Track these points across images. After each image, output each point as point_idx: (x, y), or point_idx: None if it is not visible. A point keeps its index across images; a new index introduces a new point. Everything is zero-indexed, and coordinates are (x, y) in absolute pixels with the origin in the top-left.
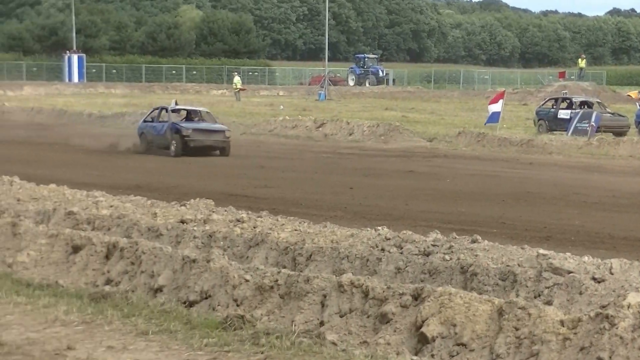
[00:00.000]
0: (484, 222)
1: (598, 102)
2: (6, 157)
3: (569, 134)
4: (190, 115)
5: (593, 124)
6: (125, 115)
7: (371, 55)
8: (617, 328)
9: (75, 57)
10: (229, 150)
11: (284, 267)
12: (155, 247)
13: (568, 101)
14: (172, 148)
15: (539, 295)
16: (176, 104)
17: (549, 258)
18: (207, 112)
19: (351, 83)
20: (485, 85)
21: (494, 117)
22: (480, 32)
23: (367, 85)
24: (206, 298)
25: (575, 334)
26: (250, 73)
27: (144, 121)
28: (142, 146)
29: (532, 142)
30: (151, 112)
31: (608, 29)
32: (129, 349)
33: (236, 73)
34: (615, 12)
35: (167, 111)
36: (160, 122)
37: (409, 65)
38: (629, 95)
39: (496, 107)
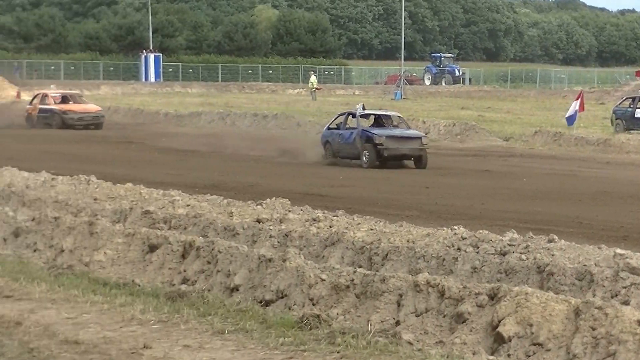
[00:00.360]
0: (560, 221)
1: None
2: (83, 157)
3: None
4: (379, 121)
5: None
6: (201, 115)
7: (447, 55)
8: None
9: (151, 57)
10: (426, 160)
11: (360, 267)
12: (231, 246)
13: None
14: (364, 158)
15: (616, 295)
16: (363, 108)
17: (626, 258)
18: (398, 116)
19: (427, 82)
20: (562, 84)
21: (573, 119)
22: (557, 31)
23: (443, 84)
24: (282, 297)
25: None
26: (327, 72)
27: (328, 128)
28: (327, 156)
29: (609, 142)
30: (335, 118)
31: None
32: (205, 348)
33: (312, 72)
34: None
35: (354, 117)
36: (347, 129)
37: (485, 64)
38: None
39: (576, 107)
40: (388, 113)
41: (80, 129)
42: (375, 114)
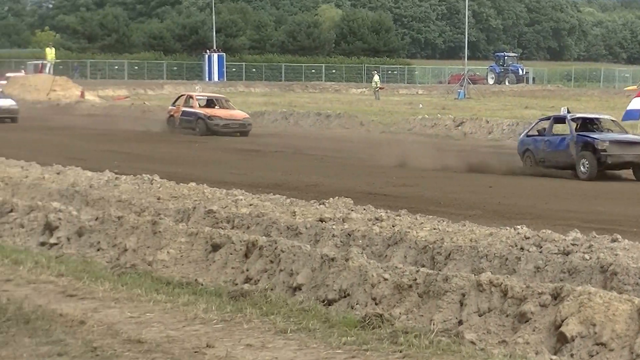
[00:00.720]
0: (623, 221)
1: None
2: (147, 156)
3: None
4: (589, 125)
5: None
6: (264, 114)
7: (511, 54)
8: None
9: (215, 56)
10: None
11: (423, 266)
12: (294, 245)
13: None
14: (582, 168)
15: None
16: (568, 111)
17: None
18: (611, 120)
19: (491, 81)
20: (626, 83)
21: (633, 114)
22: (621, 30)
23: (507, 83)
24: (345, 297)
25: None
26: (390, 72)
27: (528, 135)
28: (527, 166)
29: None
30: (535, 123)
31: None
32: (268, 347)
33: (375, 72)
34: None
35: (566, 121)
36: (555, 135)
37: (549, 63)
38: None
39: (636, 104)
40: (599, 116)
41: (223, 135)
42: (586, 117)
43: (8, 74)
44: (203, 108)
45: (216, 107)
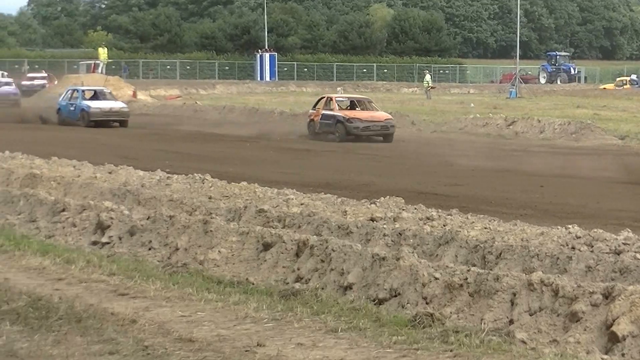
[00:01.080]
0: None
1: None
2: (199, 155)
3: None
4: None
5: None
6: None
7: (563, 53)
8: None
9: (267, 56)
10: None
11: (474, 265)
12: (345, 244)
13: None
14: None
15: None
16: None
17: None
18: None
19: (542, 81)
20: None
21: None
22: None
23: (559, 82)
24: (395, 296)
25: None
26: (441, 71)
27: None
28: None
29: None
30: None
31: None
32: (319, 346)
33: (427, 71)
34: None
35: None
36: None
37: (601, 62)
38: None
39: None
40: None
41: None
42: None
43: (29, 74)
44: (343, 110)
45: (357, 108)
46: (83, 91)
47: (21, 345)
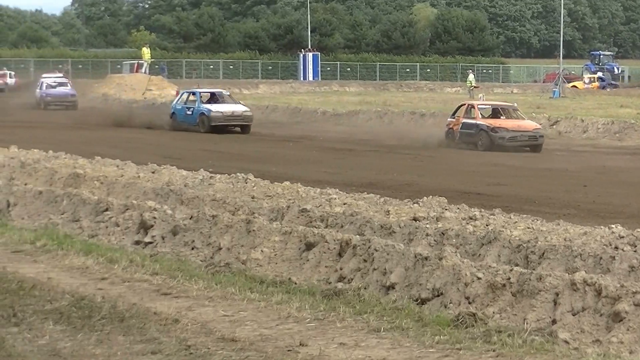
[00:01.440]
0: None
1: None
2: (241, 155)
3: None
4: None
5: None
6: (359, 113)
7: (606, 53)
8: None
9: (310, 56)
10: None
11: (516, 265)
12: (387, 244)
13: None
14: None
15: None
16: None
17: None
18: None
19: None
20: None
21: None
22: None
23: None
24: (438, 295)
25: None
26: (484, 71)
27: None
28: None
29: None
30: None
31: None
32: (361, 346)
33: (470, 71)
34: None
35: None
36: None
37: None
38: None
39: None
40: None
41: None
42: None
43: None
44: (486, 119)
45: (501, 116)
46: (201, 94)
47: (64, 345)
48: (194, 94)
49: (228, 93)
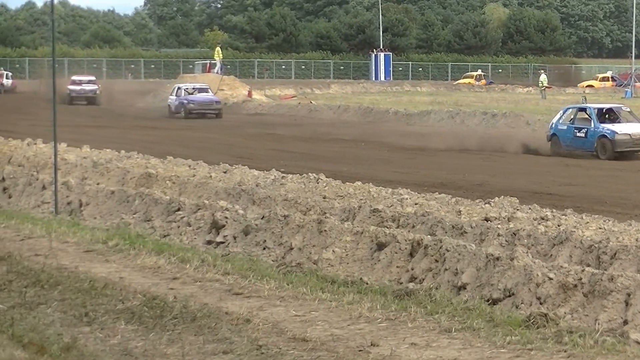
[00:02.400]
0: None
1: None
2: (313, 155)
3: None
4: None
5: None
6: (430, 113)
7: None
8: None
9: (381, 56)
10: None
11: (588, 266)
12: (459, 244)
13: None
14: None
15: None
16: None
17: None
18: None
19: None
20: None
21: None
22: None
23: None
24: (509, 296)
25: None
26: (556, 71)
27: None
28: None
29: None
30: None
31: None
32: (432, 346)
33: (542, 71)
34: None
35: None
36: None
37: None
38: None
39: None
40: None
41: None
42: None
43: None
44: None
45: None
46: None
47: (136, 345)
48: (584, 110)
49: (628, 109)
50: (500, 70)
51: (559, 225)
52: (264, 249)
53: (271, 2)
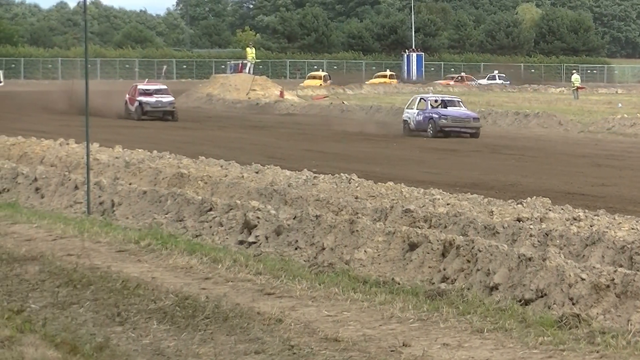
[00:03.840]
0: None
1: None
2: (345, 155)
3: None
4: None
5: None
6: None
7: None
8: None
9: (414, 56)
10: None
11: (620, 266)
12: (491, 245)
13: None
14: None
15: None
16: None
17: None
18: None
19: None
20: None
21: None
22: None
23: None
24: (541, 296)
25: None
26: (589, 71)
27: None
28: None
29: None
30: None
31: None
32: (464, 347)
33: (575, 71)
34: None
35: None
36: None
37: None
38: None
39: None
40: None
41: None
42: None
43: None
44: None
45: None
46: None
47: (168, 344)
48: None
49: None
50: (533, 71)
51: (591, 226)
52: (296, 249)
53: (303, 3)
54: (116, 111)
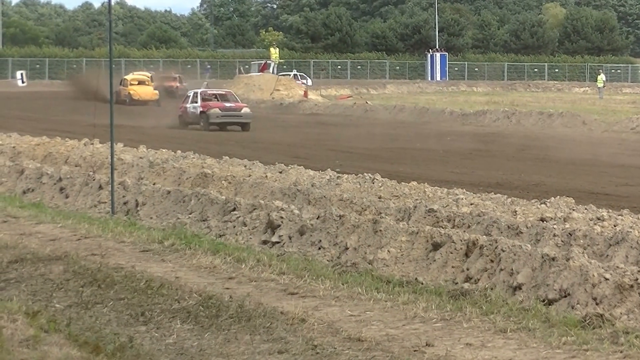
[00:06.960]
0: None
1: None
2: (368, 155)
3: None
4: None
5: None
6: (486, 113)
7: None
8: None
9: (437, 56)
10: None
11: None
12: (514, 245)
13: None
14: None
15: None
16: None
17: None
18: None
19: None
20: None
21: None
22: None
23: None
24: (565, 296)
25: None
26: (613, 71)
27: None
28: None
29: None
30: None
31: None
32: (487, 347)
33: (601, 70)
34: None
35: None
36: None
37: None
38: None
39: None
40: None
41: None
42: None
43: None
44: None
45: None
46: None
47: (191, 344)
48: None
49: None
50: (557, 70)
51: (615, 226)
52: (319, 248)
53: (327, 2)
54: None
